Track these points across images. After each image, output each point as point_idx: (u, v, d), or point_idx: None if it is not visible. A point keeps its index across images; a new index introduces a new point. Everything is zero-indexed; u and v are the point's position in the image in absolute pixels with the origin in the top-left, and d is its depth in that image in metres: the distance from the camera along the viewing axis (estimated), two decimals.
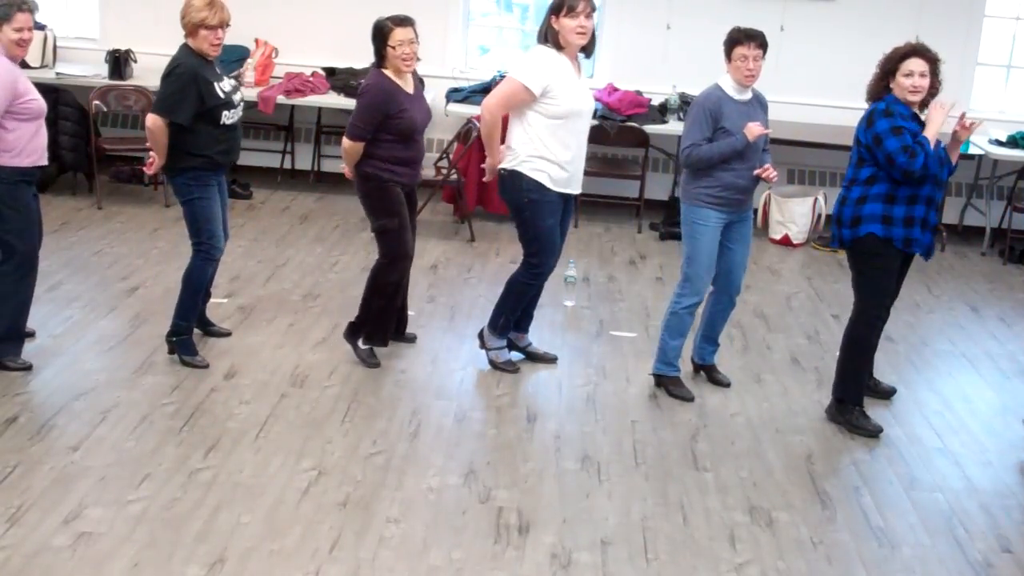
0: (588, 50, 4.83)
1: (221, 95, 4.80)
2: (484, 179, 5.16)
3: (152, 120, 4.76)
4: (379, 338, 5.15)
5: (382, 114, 4.79)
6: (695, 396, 5.01)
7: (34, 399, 4.59)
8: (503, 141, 4.90)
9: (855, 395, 4.86)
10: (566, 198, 4.95)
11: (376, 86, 4.83)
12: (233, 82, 4.98)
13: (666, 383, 5.05)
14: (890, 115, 4.57)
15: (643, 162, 7.86)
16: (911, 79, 4.55)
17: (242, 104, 4.98)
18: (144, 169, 5.05)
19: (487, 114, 4.82)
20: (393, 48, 4.73)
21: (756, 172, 4.79)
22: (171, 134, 4.75)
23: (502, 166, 4.89)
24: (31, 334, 5.05)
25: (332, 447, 4.35)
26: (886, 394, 5.16)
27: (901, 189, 4.63)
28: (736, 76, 4.72)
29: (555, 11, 4.71)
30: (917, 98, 4.60)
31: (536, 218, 4.87)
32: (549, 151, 4.77)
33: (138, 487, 3.94)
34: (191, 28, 4.73)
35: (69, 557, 3.51)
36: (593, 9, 4.74)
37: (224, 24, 4.77)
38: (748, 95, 4.83)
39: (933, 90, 4.65)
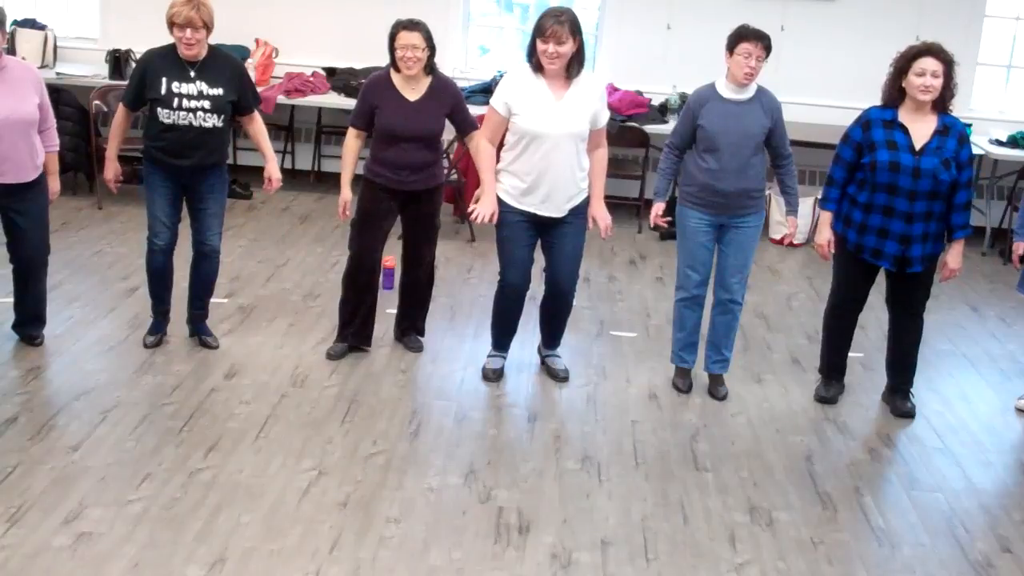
0: (570, 72, 4.61)
1: (162, 91, 4.76)
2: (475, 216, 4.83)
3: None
4: (351, 336, 5.24)
5: (368, 104, 4.93)
6: (688, 392, 5.06)
7: (34, 399, 4.59)
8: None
9: (821, 365, 5.19)
10: (545, 221, 4.81)
11: (370, 77, 5.04)
12: (208, 89, 4.78)
13: (674, 371, 5.18)
14: (862, 125, 4.73)
15: (643, 162, 7.86)
16: (923, 79, 4.53)
17: (201, 114, 4.78)
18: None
19: (474, 140, 4.91)
20: (396, 50, 4.84)
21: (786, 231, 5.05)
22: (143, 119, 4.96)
23: None
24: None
25: (332, 447, 4.35)
26: (906, 414, 5.00)
27: (861, 194, 4.75)
28: (735, 71, 4.65)
29: (534, 32, 4.61)
30: (927, 98, 4.57)
31: (499, 229, 4.87)
32: (510, 164, 4.76)
33: (138, 487, 3.95)
34: (167, 24, 4.74)
35: (69, 557, 3.51)
36: (573, 36, 4.52)
37: (192, 24, 4.65)
38: (746, 95, 4.73)
39: (949, 92, 4.61)
